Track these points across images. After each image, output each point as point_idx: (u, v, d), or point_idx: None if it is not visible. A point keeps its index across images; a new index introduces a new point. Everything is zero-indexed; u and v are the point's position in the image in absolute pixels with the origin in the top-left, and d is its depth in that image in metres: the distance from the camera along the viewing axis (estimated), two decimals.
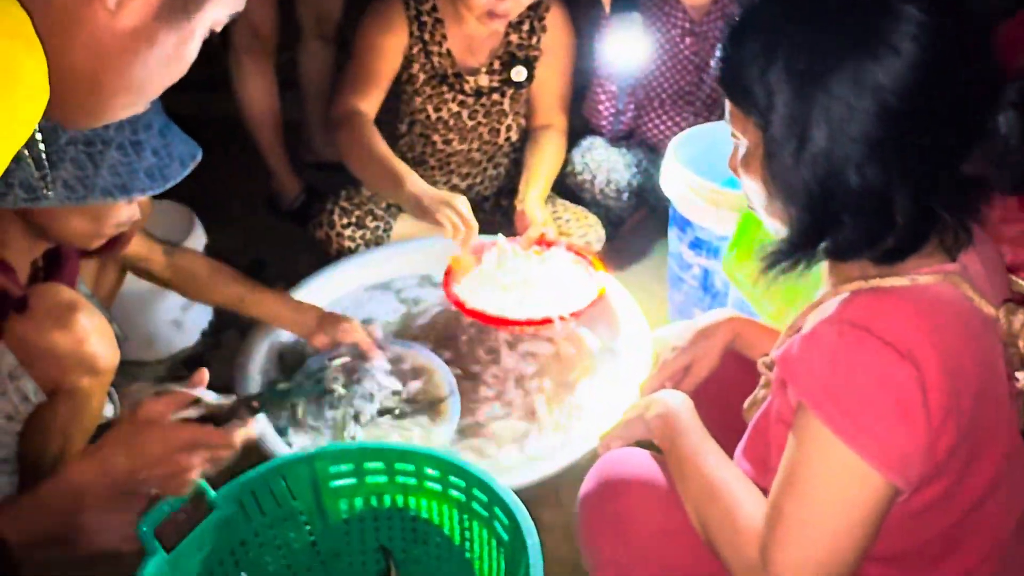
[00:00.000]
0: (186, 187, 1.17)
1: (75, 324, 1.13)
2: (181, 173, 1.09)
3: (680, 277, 1.77)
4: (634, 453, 1.00)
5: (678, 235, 1.72)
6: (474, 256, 1.66)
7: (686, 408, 0.96)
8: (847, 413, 0.73)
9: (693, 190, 1.60)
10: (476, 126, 1.85)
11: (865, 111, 0.73)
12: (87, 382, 1.16)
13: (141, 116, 0.75)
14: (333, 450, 1.15)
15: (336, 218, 1.81)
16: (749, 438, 0.92)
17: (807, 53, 0.75)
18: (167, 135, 1.10)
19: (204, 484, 1.07)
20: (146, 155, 1.05)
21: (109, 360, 1.18)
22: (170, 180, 1.08)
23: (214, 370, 1.80)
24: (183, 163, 1.10)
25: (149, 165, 1.06)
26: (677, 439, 0.92)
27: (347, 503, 1.19)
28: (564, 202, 1.92)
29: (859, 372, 0.73)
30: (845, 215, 0.77)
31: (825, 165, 0.76)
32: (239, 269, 2.14)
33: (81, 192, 1.02)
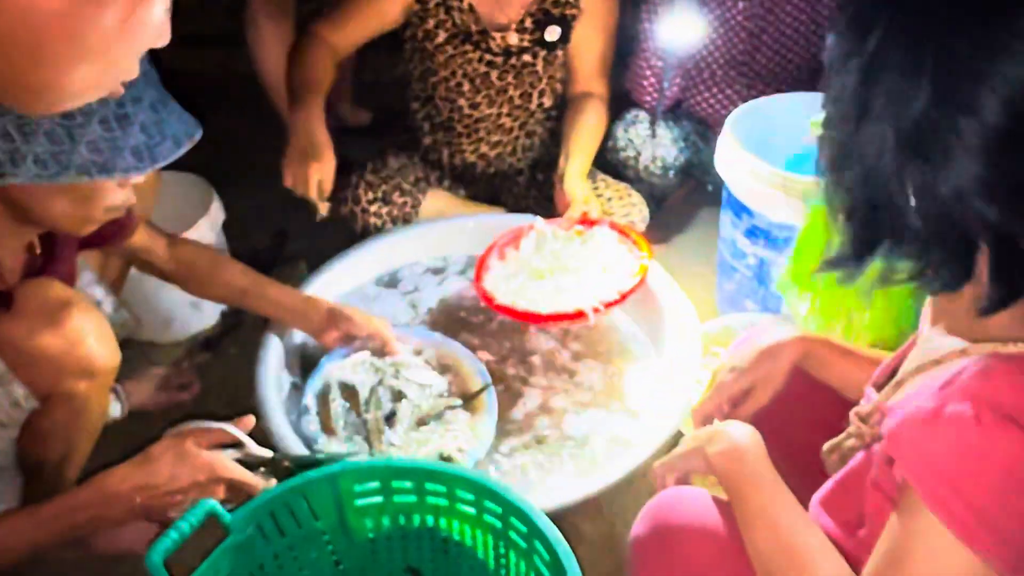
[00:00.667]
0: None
1: (68, 324, 1.03)
2: (173, 153, 0.99)
3: (732, 266, 1.63)
4: (693, 495, 0.89)
5: (732, 220, 1.58)
6: (512, 242, 1.54)
7: (756, 449, 0.84)
8: (980, 519, 0.61)
9: (752, 174, 1.45)
10: (505, 88, 1.70)
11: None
12: (84, 386, 1.07)
13: (129, 88, 0.65)
14: (358, 468, 1.06)
15: (361, 193, 1.69)
16: (833, 492, 0.80)
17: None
18: (160, 110, 0.98)
19: (218, 508, 0.98)
20: (133, 131, 0.95)
21: (107, 361, 1.08)
22: (159, 160, 0.97)
23: (232, 353, 1.78)
24: (177, 142, 0.99)
25: (136, 143, 0.95)
26: (745, 487, 0.81)
27: (373, 521, 1.10)
28: (606, 178, 1.78)
29: (998, 472, 0.61)
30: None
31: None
32: (260, 241, 2.07)
33: (54, 169, 0.91)
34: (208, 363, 1.72)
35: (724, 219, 1.63)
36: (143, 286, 1.59)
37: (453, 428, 1.34)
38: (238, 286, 1.36)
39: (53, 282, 1.06)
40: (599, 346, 1.53)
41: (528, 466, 1.32)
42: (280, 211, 2.12)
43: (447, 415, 1.35)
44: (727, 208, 1.60)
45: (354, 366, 1.37)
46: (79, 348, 1.04)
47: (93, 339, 1.05)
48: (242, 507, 1.00)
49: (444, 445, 1.30)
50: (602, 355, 1.51)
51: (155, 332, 1.74)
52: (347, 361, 1.37)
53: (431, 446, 1.29)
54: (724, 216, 1.63)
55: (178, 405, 1.61)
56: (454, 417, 1.36)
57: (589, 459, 1.33)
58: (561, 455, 1.33)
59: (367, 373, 1.37)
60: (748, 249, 1.56)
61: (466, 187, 1.86)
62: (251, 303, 1.37)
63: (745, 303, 1.64)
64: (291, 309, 1.36)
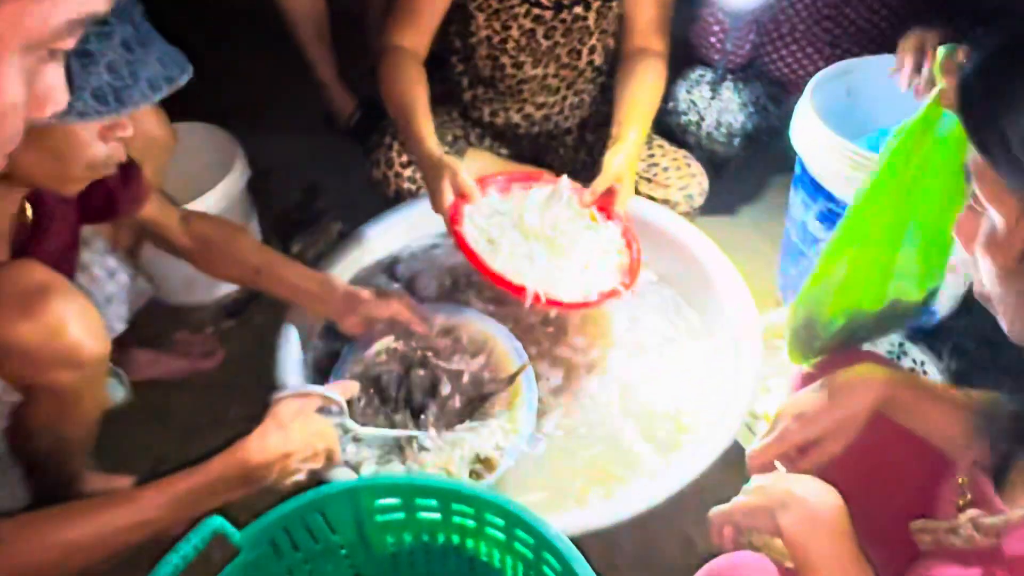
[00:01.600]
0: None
1: (47, 312, 0.93)
2: (147, 97, 0.88)
3: (800, 250, 1.47)
4: (756, 566, 0.77)
5: (804, 201, 1.42)
6: (525, 182, 1.41)
7: (838, 524, 0.71)
8: None
9: (834, 152, 1.28)
10: (553, 47, 1.53)
11: None
12: (69, 377, 0.98)
13: (96, 24, 0.54)
14: (378, 484, 0.97)
15: (394, 156, 1.56)
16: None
17: None
18: (136, 50, 0.87)
19: (226, 525, 0.90)
20: (97, 71, 0.84)
21: (94, 350, 0.98)
22: (128, 105, 0.87)
23: (258, 321, 1.69)
24: (153, 86, 0.88)
25: (99, 84, 0.85)
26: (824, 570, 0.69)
27: (395, 537, 1.02)
28: (663, 143, 1.61)
29: None
30: None
31: None
32: (290, 194, 1.96)
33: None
34: (233, 330, 1.64)
35: (795, 198, 1.46)
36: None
37: (489, 423, 1.23)
38: (251, 265, 1.25)
39: (32, 265, 0.95)
40: (633, 334, 1.39)
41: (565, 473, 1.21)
42: (310, 162, 2.02)
43: (484, 405, 1.25)
44: (799, 186, 1.43)
45: (378, 354, 1.26)
46: (60, 338, 0.94)
47: (77, 327, 0.95)
48: (252, 524, 0.92)
49: (480, 445, 1.20)
50: (636, 344, 1.38)
51: (177, 293, 1.66)
52: (370, 351, 1.26)
53: (466, 447, 1.19)
54: (795, 195, 1.46)
55: (200, 374, 1.54)
56: (491, 407, 1.25)
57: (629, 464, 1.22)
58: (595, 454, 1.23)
59: (393, 362, 1.26)
60: (821, 234, 1.39)
61: (508, 146, 1.72)
62: (265, 284, 1.26)
63: None
64: (307, 292, 1.25)
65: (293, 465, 0.99)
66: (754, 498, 0.79)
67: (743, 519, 0.80)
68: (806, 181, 1.39)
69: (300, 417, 1.00)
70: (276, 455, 0.96)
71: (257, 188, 1.75)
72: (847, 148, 1.26)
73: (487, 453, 1.19)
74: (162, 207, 1.25)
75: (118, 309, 1.35)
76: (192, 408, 1.49)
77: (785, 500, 0.75)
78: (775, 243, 1.74)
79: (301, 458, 1.00)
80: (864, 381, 0.84)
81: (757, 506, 0.78)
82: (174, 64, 0.91)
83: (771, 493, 0.77)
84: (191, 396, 1.51)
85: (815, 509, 0.73)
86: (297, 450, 0.99)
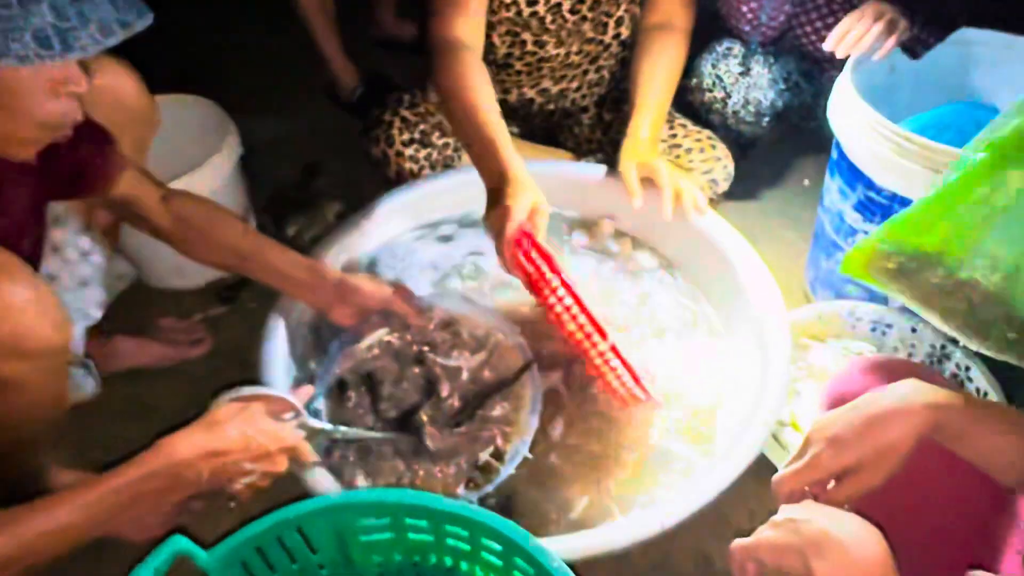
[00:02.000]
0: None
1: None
2: (98, 43, 0.79)
3: (834, 241, 1.35)
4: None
5: (841, 188, 1.29)
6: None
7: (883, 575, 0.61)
8: None
9: (877, 135, 1.15)
10: (579, 22, 1.41)
11: None
12: (15, 369, 0.88)
13: None
14: (362, 502, 0.87)
15: (396, 133, 1.44)
16: None
17: None
18: None
19: (190, 546, 0.81)
20: (39, 11, 0.76)
21: (49, 339, 0.89)
22: (74, 48, 0.78)
23: (251, 308, 1.59)
24: (105, 30, 0.79)
25: (42, 26, 0.76)
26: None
27: (383, 556, 0.92)
28: (685, 123, 1.49)
29: None
30: None
31: None
32: (288, 173, 1.86)
33: None
34: (223, 317, 1.55)
35: (831, 185, 1.33)
36: None
37: (490, 424, 1.13)
38: (237, 250, 1.14)
39: None
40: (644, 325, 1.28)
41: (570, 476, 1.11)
42: (309, 140, 1.92)
43: (484, 406, 1.15)
44: (836, 172, 1.30)
45: (370, 348, 1.16)
46: (5, 324, 0.85)
47: (25, 313, 0.86)
48: (220, 545, 0.83)
49: (479, 449, 1.10)
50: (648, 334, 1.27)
51: (165, 278, 1.57)
52: (362, 344, 1.16)
53: (464, 452, 1.09)
54: (831, 181, 1.33)
55: (186, 364, 1.45)
56: (491, 409, 1.15)
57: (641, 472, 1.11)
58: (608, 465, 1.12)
59: (387, 357, 1.16)
60: (859, 225, 1.27)
61: (520, 124, 1.60)
62: (251, 270, 1.15)
63: (847, 287, 1.37)
64: (295, 280, 1.14)
65: (231, 466, 0.88)
66: (784, 535, 0.68)
67: (769, 557, 0.69)
68: (844, 167, 1.27)
69: (240, 417, 0.89)
70: (201, 452, 0.85)
71: (253, 167, 1.66)
72: (893, 131, 1.13)
73: (486, 459, 1.09)
74: (140, 184, 1.15)
75: (94, 293, 1.26)
76: (177, 400, 1.40)
77: (820, 543, 0.64)
78: (804, 233, 1.62)
79: (244, 459, 0.89)
80: (908, 406, 0.72)
81: (787, 545, 0.67)
82: (129, 7, 0.81)
83: (804, 532, 0.66)
84: (176, 387, 1.41)
85: (856, 557, 0.62)
86: (232, 449, 0.87)
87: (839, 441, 0.73)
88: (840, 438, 0.73)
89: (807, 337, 1.34)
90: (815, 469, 0.74)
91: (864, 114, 1.17)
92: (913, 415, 0.72)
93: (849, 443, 0.72)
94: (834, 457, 0.73)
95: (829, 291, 1.41)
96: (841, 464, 0.73)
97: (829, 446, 0.73)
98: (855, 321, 1.33)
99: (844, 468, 0.73)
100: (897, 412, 0.72)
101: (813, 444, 0.75)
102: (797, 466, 0.75)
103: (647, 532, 0.96)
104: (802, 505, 0.72)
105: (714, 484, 0.99)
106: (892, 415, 0.72)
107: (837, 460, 0.73)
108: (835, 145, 1.30)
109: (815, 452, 0.74)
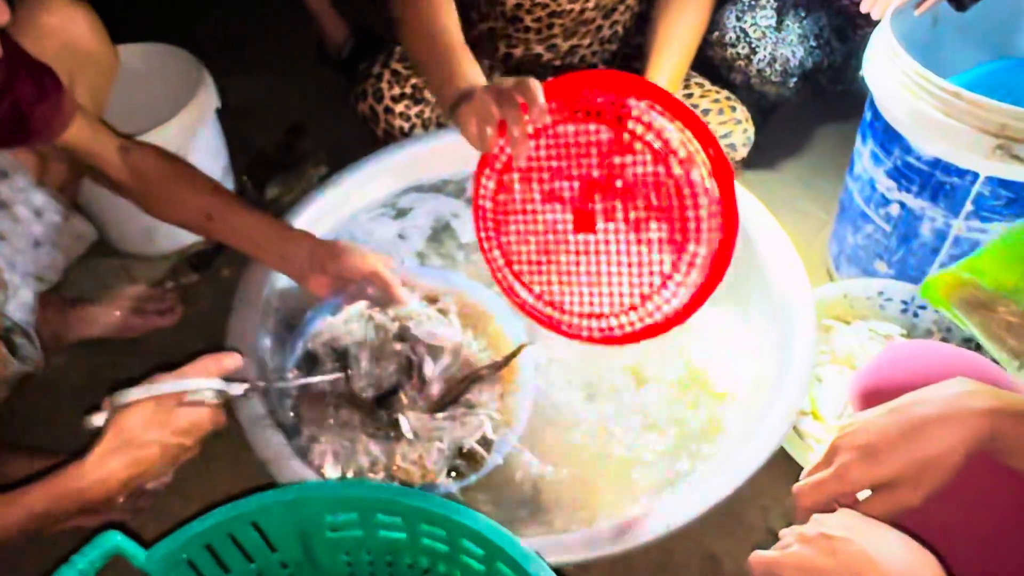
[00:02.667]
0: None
1: None
2: None
3: (863, 212, 1.22)
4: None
5: (874, 152, 1.16)
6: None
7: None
8: None
9: (920, 89, 1.02)
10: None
11: None
12: None
13: None
14: (326, 497, 0.76)
15: (385, 87, 1.32)
16: None
17: None
18: None
19: (126, 544, 0.70)
20: None
21: None
22: None
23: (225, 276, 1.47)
24: None
25: None
26: None
27: (353, 556, 0.82)
28: (703, 81, 1.36)
29: None
30: None
31: None
32: (272, 134, 1.73)
33: None
34: (196, 286, 1.43)
35: (862, 149, 1.20)
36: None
37: (477, 410, 1.02)
38: (202, 209, 1.03)
39: None
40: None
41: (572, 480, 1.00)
42: (298, 99, 1.80)
43: (471, 390, 1.03)
44: (869, 135, 1.17)
45: (347, 322, 1.04)
46: None
47: None
48: (161, 543, 0.72)
49: (465, 437, 0.99)
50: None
51: (133, 242, 1.45)
52: (338, 318, 1.04)
53: (447, 439, 0.98)
54: (862, 146, 1.20)
55: (154, 336, 1.34)
56: (479, 392, 1.03)
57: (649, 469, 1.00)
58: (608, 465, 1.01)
59: (365, 332, 1.04)
60: (893, 195, 1.14)
61: None
62: (218, 232, 1.04)
63: (875, 264, 1.24)
64: (266, 245, 1.03)
65: (156, 471, 0.81)
66: (815, 554, 0.57)
67: (791, 573, 0.58)
68: (878, 129, 1.14)
69: (154, 427, 0.79)
70: (121, 479, 0.78)
71: (236, 127, 1.54)
72: (940, 86, 1.00)
73: (471, 446, 0.98)
74: (95, 134, 1.03)
75: (49, 255, 1.15)
76: (143, 375, 1.29)
77: (860, 570, 0.53)
78: (827, 205, 1.49)
79: (169, 461, 0.81)
80: (957, 411, 0.60)
81: (818, 569, 0.56)
82: None
83: (841, 555, 0.55)
84: (142, 361, 1.29)
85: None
86: (155, 460, 0.79)
87: (872, 451, 0.61)
88: (874, 448, 0.61)
89: (831, 318, 1.22)
90: (842, 482, 0.62)
91: (906, 67, 1.04)
92: (963, 423, 0.60)
93: (884, 454, 0.61)
94: (866, 470, 0.61)
95: (855, 268, 1.29)
96: (873, 478, 0.61)
97: (860, 456, 0.62)
98: (884, 301, 1.21)
99: (877, 483, 0.61)
100: (944, 419, 0.60)
101: (842, 452, 0.63)
102: (822, 476, 0.64)
103: (652, 533, 0.85)
104: (839, 515, 0.60)
105: (727, 481, 0.88)
106: (937, 422, 0.60)
107: (869, 473, 0.61)
108: (869, 104, 1.17)
109: (843, 462, 0.62)
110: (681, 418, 1.04)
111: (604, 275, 0.93)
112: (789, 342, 1.03)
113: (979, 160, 0.99)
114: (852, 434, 0.64)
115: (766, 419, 0.95)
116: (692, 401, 1.06)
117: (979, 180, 1.02)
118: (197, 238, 1.46)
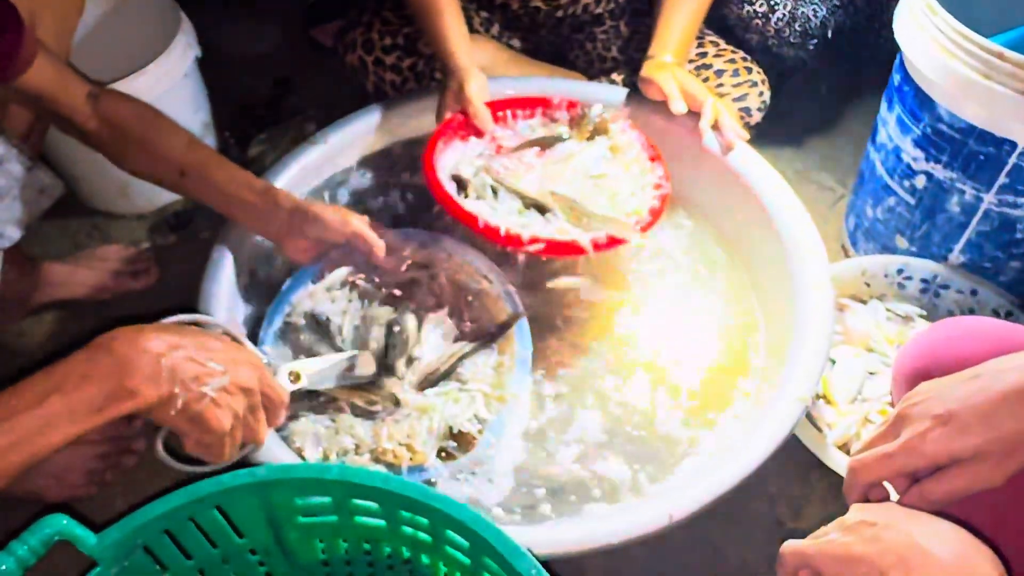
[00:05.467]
0: None
1: None
2: None
3: (885, 184, 1.15)
4: None
5: (901, 119, 1.08)
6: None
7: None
8: None
9: (958, 48, 0.94)
10: None
11: None
12: None
13: None
14: (295, 478, 0.69)
15: (375, 36, 1.23)
16: None
17: None
18: None
19: (74, 526, 0.63)
20: None
21: None
22: None
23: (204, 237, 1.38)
24: None
25: None
26: None
27: (327, 543, 0.75)
28: (717, 40, 1.27)
29: None
30: None
31: None
32: (257, 91, 1.64)
33: None
34: (174, 247, 1.35)
35: (887, 116, 1.12)
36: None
37: (469, 387, 0.95)
38: (175, 162, 0.95)
39: None
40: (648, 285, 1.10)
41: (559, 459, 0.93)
42: (284, 53, 1.70)
43: (463, 363, 0.96)
44: (897, 100, 1.09)
45: (328, 289, 0.97)
46: None
47: None
48: (113, 528, 0.65)
49: (455, 415, 0.92)
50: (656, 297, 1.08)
51: (107, 199, 1.37)
52: (319, 285, 0.97)
53: (436, 418, 0.91)
54: (888, 112, 1.12)
55: (127, 298, 1.26)
56: (472, 366, 0.96)
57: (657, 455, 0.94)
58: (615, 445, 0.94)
59: (348, 301, 0.97)
60: (920, 165, 1.06)
61: (523, 37, 1.38)
62: (191, 189, 0.96)
63: (896, 239, 1.17)
64: (242, 203, 0.95)
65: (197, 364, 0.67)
66: (856, 542, 0.50)
67: (832, 568, 0.51)
68: (908, 93, 1.05)
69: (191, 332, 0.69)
70: (160, 349, 0.66)
71: (218, 79, 1.44)
72: (980, 45, 0.92)
73: (461, 424, 0.91)
74: (61, 78, 0.94)
75: (11, 208, 1.06)
76: None
77: (907, 558, 0.46)
78: (844, 178, 1.42)
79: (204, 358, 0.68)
80: None
81: (858, 557, 0.49)
82: None
83: (886, 541, 0.48)
84: (111, 324, 1.22)
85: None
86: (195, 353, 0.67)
87: (955, 420, 0.54)
88: (956, 416, 0.54)
89: (846, 296, 1.14)
90: (914, 454, 0.55)
91: (942, 24, 0.95)
92: None
93: (969, 424, 0.53)
94: (946, 442, 0.54)
95: (874, 244, 1.21)
96: (953, 452, 0.54)
97: (939, 425, 0.54)
98: (904, 279, 1.14)
99: (956, 456, 0.54)
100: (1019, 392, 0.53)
101: (914, 422, 0.56)
102: (887, 449, 0.56)
103: (654, 525, 0.79)
104: (882, 506, 0.54)
105: (737, 469, 0.81)
106: (1010, 397, 0.53)
107: (949, 446, 0.54)
108: (898, 66, 1.08)
109: (917, 431, 0.55)
110: (686, 399, 0.97)
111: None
112: (803, 320, 0.96)
113: (1020, 128, 0.91)
114: (925, 402, 0.56)
115: (778, 404, 0.88)
116: (699, 380, 1.00)
117: (1017, 150, 0.94)
118: (176, 197, 1.38)
